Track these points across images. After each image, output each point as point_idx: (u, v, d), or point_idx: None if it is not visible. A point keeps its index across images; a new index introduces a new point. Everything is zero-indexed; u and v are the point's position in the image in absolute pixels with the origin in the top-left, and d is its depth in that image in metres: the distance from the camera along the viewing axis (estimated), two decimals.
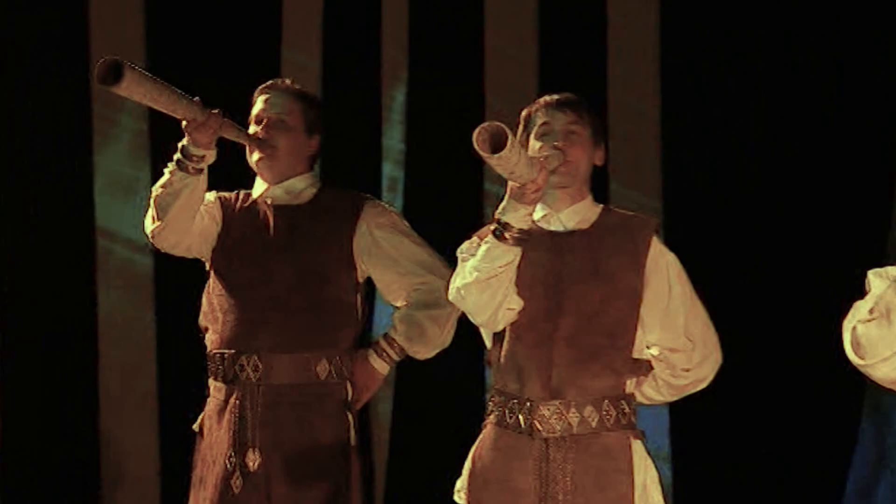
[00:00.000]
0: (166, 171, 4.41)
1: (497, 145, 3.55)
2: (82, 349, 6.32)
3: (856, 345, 3.07)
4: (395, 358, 4.62)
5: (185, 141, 4.36)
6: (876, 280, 3.12)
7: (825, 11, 5.97)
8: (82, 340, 6.32)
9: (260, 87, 4.62)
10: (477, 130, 3.55)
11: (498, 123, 3.57)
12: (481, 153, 3.55)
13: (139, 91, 4.17)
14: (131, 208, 6.16)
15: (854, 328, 3.07)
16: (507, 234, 3.77)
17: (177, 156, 4.37)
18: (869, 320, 3.05)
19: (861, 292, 3.22)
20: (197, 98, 4.30)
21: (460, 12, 6.19)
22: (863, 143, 5.83)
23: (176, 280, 5.79)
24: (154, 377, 6.29)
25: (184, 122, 4.31)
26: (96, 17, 6.31)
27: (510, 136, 3.54)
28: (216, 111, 4.31)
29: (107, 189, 6.36)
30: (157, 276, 6.27)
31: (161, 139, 5.97)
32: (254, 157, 4.55)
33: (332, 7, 6.27)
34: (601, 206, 4.07)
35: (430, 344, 4.59)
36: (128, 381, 6.32)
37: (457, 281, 3.85)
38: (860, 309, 3.09)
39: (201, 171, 4.39)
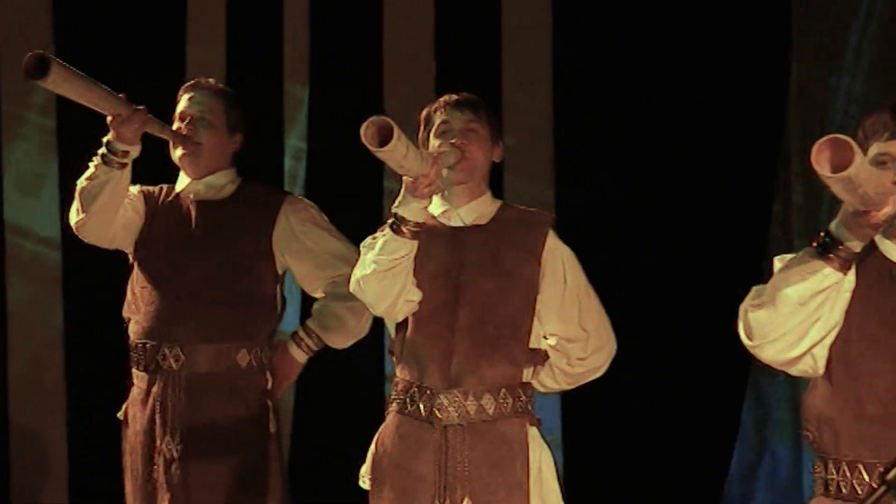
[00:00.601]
0: (91, 164, 4.39)
1: (384, 139, 3.53)
2: None
3: (747, 327, 3.11)
4: (314, 348, 4.64)
5: (109, 136, 4.34)
6: (777, 266, 3.16)
7: (709, 16, 6.02)
8: None
9: (184, 86, 4.64)
10: (365, 124, 3.54)
11: (385, 118, 3.55)
12: (369, 146, 3.54)
13: (65, 86, 4.14)
14: (40, 204, 6.09)
15: (746, 311, 3.11)
16: (403, 228, 3.77)
17: (102, 150, 4.35)
18: (759, 305, 3.09)
19: (746, 282, 3.25)
20: (122, 94, 4.30)
21: (359, 15, 6.18)
22: (745, 142, 5.88)
23: (84, 274, 5.73)
24: (62, 368, 6.22)
25: (109, 118, 4.30)
26: (4, 14, 6.21)
27: (396, 131, 3.52)
28: (141, 108, 4.32)
29: (15, 185, 6.27)
30: (66, 269, 6.20)
31: (69, 136, 5.91)
32: (177, 153, 4.56)
33: (236, 5, 6.22)
34: (500, 201, 4.08)
35: (348, 334, 4.61)
36: (36, 372, 6.25)
37: (357, 273, 3.85)
38: (754, 293, 3.12)
39: (125, 165, 4.38)
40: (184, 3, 6.25)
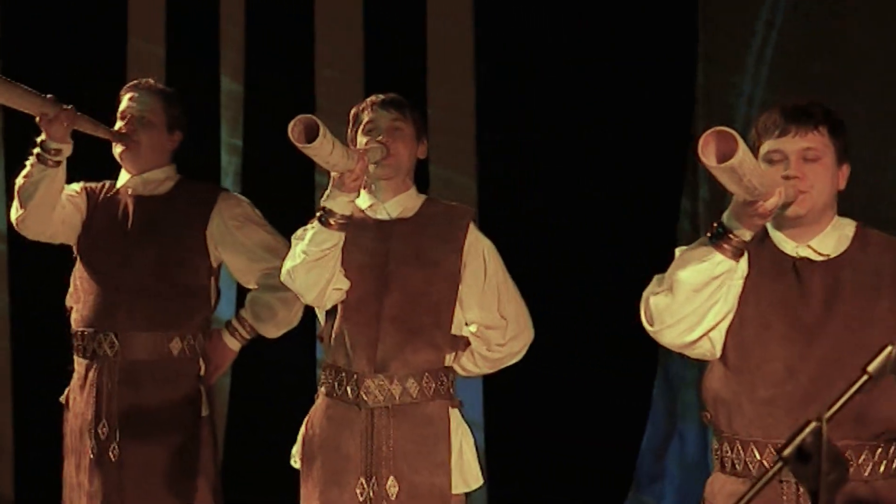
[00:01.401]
0: (27, 163, 4.38)
1: (311, 137, 3.55)
2: None
3: (647, 313, 3.16)
4: (247, 336, 4.64)
5: (42, 136, 4.33)
6: (678, 255, 3.21)
7: (622, 20, 6.08)
8: None
9: (126, 86, 4.64)
10: (292, 123, 3.56)
11: (311, 116, 3.57)
12: (296, 143, 3.56)
13: None
14: None
15: (647, 298, 3.16)
16: (330, 220, 3.79)
17: (36, 150, 4.36)
18: (659, 292, 3.14)
19: (656, 272, 3.29)
20: (50, 95, 4.28)
21: (292, 17, 6.18)
22: (656, 141, 5.94)
23: (29, 265, 5.71)
24: (8, 354, 6.18)
25: (37, 118, 4.28)
26: None
27: (322, 129, 3.54)
28: (69, 107, 4.31)
29: None
30: (11, 261, 6.16)
31: (13, 134, 5.88)
32: (117, 150, 4.56)
33: (175, 3, 6.20)
34: (424, 196, 4.11)
35: (279, 324, 4.62)
36: None
37: (287, 264, 3.87)
38: (655, 281, 3.18)
39: (59, 163, 4.38)
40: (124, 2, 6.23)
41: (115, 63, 6.02)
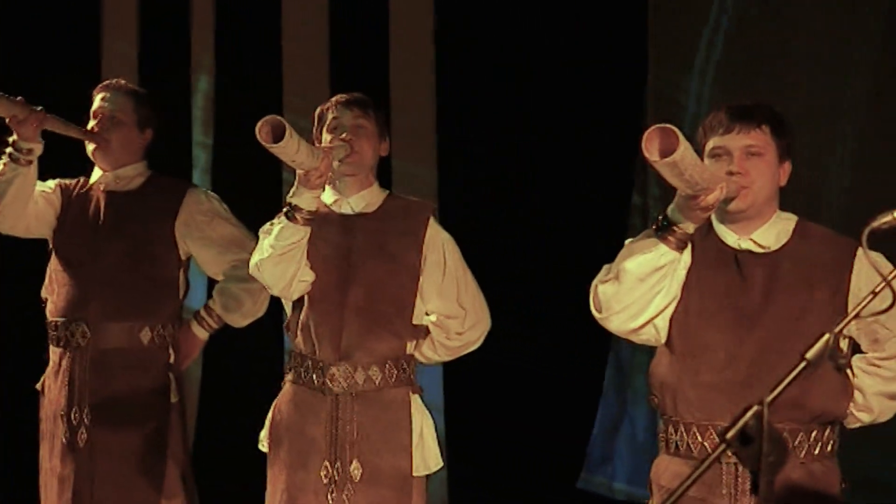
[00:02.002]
0: (0, 163, 4.36)
1: (277, 136, 3.55)
2: None
3: (595, 301, 3.19)
4: (214, 326, 4.64)
5: (14, 136, 4.33)
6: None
7: (576, 22, 6.11)
8: None
9: (98, 87, 4.62)
10: (259, 123, 3.56)
11: (278, 117, 3.58)
12: (263, 143, 3.56)
13: None
14: None
15: (596, 286, 3.18)
16: (296, 216, 3.80)
17: (8, 150, 4.35)
18: (606, 280, 3.16)
19: (609, 261, 3.31)
20: (20, 98, 4.29)
21: (261, 20, 6.17)
22: (609, 139, 5.96)
23: (6, 259, 5.68)
24: None
25: (7, 120, 4.29)
26: None
27: (288, 129, 3.55)
28: (38, 108, 4.31)
29: None
30: None
31: None
32: (90, 148, 4.56)
33: (148, 4, 6.18)
34: (386, 191, 4.11)
35: (246, 314, 4.61)
36: None
37: (255, 257, 3.87)
38: (604, 271, 3.20)
39: (31, 161, 4.37)
40: (98, 4, 6.20)
41: (89, 63, 5.99)
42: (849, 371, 3.23)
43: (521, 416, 6.25)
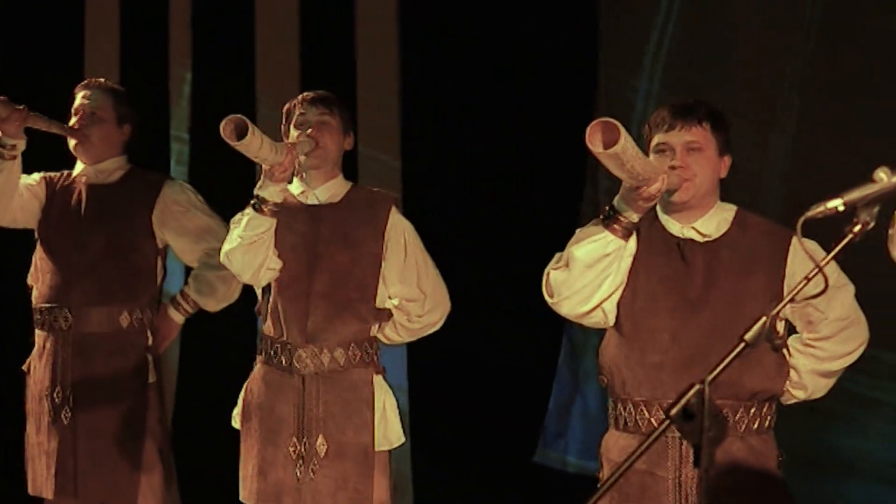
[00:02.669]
0: None
1: (241, 134, 3.54)
2: None
3: (548, 286, 3.18)
4: (190, 311, 4.63)
5: None
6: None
7: (534, 26, 6.11)
8: None
9: (79, 85, 4.60)
10: (224, 122, 3.55)
11: (241, 116, 3.56)
12: (228, 141, 3.55)
13: None
14: None
15: (548, 273, 3.17)
16: (263, 207, 3.79)
17: None
18: (557, 267, 3.16)
19: (562, 249, 3.30)
20: (3, 97, 4.29)
21: (234, 24, 6.14)
22: (563, 134, 5.94)
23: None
24: None
25: None
26: None
27: (251, 127, 3.54)
28: (21, 107, 4.30)
29: None
30: None
31: None
32: (72, 144, 4.54)
33: (128, 7, 6.13)
34: (350, 183, 4.09)
35: (219, 299, 4.60)
36: None
37: (225, 247, 3.86)
38: (555, 258, 3.19)
39: (15, 156, 4.36)
40: (82, 4, 6.14)
41: (74, 63, 5.94)
42: (785, 351, 3.23)
43: (481, 395, 6.24)
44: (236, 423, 4.08)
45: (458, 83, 6.17)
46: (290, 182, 3.92)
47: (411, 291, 4.01)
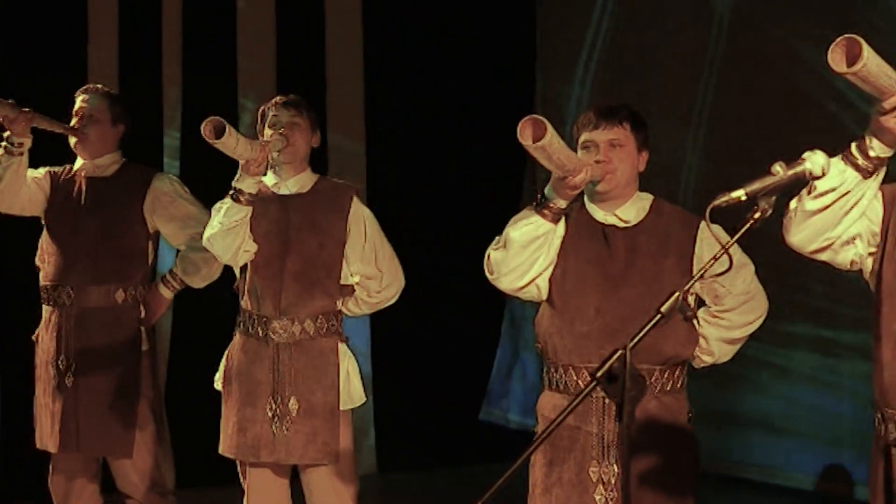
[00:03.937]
0: None
1: (219, 133, 3.56)
2: None
3: (488, 265, 3.18)
4: (178, 287, 4.60)
5: (7, 132, 4.31)
6: None
7: (480, 32, 6.13)
8: None
9: (78, 90, 4.58)
10: (204, 123, 3.56)
11: (219, 118, 3.58)
12: (207, 139, 3.57)
13: None
14: None
15: (489, 254, 3.16)
16: (240, 197, 3.78)
17: (3, 143, 4.33)
18: (496, 248, 3.15)
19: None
20: (10, 101, 4.27)
21: (219, 36, 6.09)
22: (506, 133, 5.94)
23: (7, 234, 5.54)
24: None
25: (1, 119, 4.27)
26: None
27: (228, 127, 3.54)
28: (27, 109, 4.29)
29: None
30: None
31: None
32: (72, 141, 4.52)
33: (127, 12, 6.05)
34: (318, 175, 4.07)
35: (203, 277, 4.57)
36: None
37: (207, 232, 3.85)
38: (496, 240, 3.18)
39: (23, 153, 4.34)
40: (84, 12, 6.06)
41: (78, 68, 5.87)
42: (695, 322, 3.23)
43: (434, 359, 6.26)
44: (219, 385, 4.06)
45: (413, 82, 6.24)
46: (265, 175, 3.89)
47: (370, 270, 3.99)
